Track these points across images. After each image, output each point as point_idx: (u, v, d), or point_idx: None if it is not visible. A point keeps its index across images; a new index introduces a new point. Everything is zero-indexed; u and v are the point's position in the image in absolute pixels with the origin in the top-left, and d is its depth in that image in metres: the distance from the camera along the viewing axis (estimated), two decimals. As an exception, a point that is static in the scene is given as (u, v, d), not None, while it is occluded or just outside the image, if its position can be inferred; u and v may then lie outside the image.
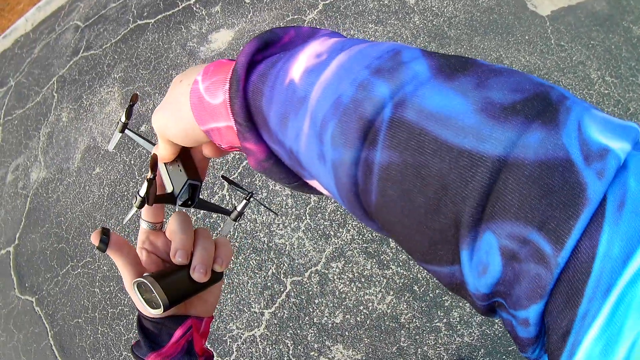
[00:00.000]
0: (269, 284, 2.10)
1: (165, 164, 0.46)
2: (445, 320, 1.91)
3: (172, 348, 0.50)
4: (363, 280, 2.02)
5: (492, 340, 1.88)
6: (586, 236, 0.18)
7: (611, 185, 0.18)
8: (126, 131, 0.54)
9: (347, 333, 1.95)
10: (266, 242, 2.17)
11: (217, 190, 2.35)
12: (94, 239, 0.45)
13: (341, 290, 2.02)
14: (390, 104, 0.22)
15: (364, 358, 1.91)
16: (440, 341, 1.89)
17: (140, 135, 0.54)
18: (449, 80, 0.22)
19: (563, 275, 0.18)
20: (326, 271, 2.07)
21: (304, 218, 2.17)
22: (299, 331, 2.00)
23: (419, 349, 1.88)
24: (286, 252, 2.13)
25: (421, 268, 1.99)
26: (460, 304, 1.92)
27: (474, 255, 0.21)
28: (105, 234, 0.46)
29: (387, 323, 1.95)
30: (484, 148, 0.19)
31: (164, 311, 0.45)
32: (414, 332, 1.92)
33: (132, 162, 2.59)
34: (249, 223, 2.23)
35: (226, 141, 0.35)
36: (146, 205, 0.44)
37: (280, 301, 2.06)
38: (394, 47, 0.25)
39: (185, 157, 0.47)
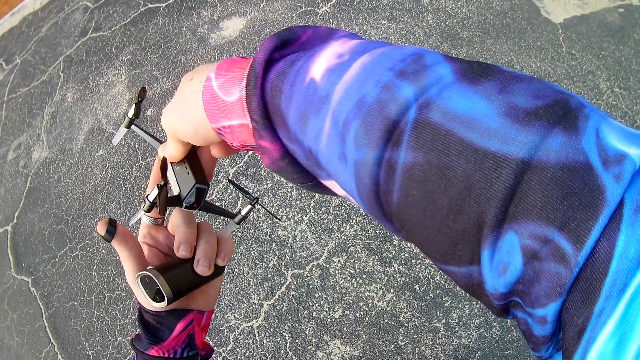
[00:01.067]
0: (269, 275, 2.09)
1: (172, 164, 0.46)
2: (444, 320, 1.91)
3: (173, 342, 0.50)
4: (364, 276, 2.02)
5: (490, 343, 1.87)
6: (604, 237, 0.18)
7: (628, 189, 0.19)
8: (132, 126, 0.53)
9: (345, 329, 1.94)
10: (269, 233, 2.16)
11: (222, 179, 2.33)
12: (100, 228, 0.45)
13: (342, 286, 2.01)
14: (415, 105, 0.22)
15: (361, 355, 1.90)
16: (438, 341, 1.89)
17: (146, 132, 0.53)
18: (472, 84, 0.22)
19: (581, 273, 0.19)
20: (327, 265, 2.06)
21: (308, 211, 2.16)
22: (297, 324, 1.99)
23: (417, 349, 1.88)
24: (288, 245, 2.12)
25: (423, 267, 1.99)
26: (460, 306, 1.92)
27: (495, 255, 0.21)
28: (112, 225, 0.46)
29: (386, 321, 1.94)
30: (508, 150, 0.20)
31: (167, 304, 0.45)
32: (412, 331, 1.92)
33: (137, 145, 2.57)
34: (252, 214, 2.21)
35: (238, 139, 0.35)
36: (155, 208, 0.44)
37: (280, 293, 2.05)
38: (417, 51, 0.25)
39: (192, 158, 0.46)
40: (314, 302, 2.01)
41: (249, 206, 0.55)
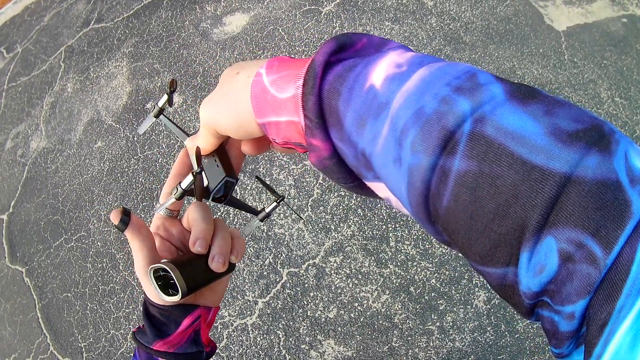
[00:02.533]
0: (265, 273, 2.08)
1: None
2: (438, 323, 1.91)
3: (178, 337, 0.50)
4: (360, 277, 2.02)
5: (483, 347, 1.88)
6: (628, 244, 0.21)
7: None
8: (161, 117, 0.53)
9: (339, 329, 1.94)
10: (265, 230, 2.15)
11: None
12: (114, 217, 0.45)
13: (337, 286, 2.01)
14: (470, 119, 0.25)
15: (354, 355, 1.90)
16: (431, 344, 1.89)
17: (174, 123, 0.53)
18: (522, 104, 0.25)
19: (607, 274, 0.22)
20: (324, 265, 2.05)
21: (305, 210, 2.16)
22: (291, 323, 1.99)
23: (410, 351, 1.88)
24: (285, 243, 2.12)
25: (419, 269, 1.99)
26: (454, 309, 1.92)
27: (534, 257, 0.24)
28: (126, 214, 0.46)
29: (380, 322, 1.94)
30: (553, 165, 0.23)
31: (180, 299, 0.45)
32: (406, 333, 1.92)
33: (135, 139, 2.56)
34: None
35: (283, 136, 0.36)
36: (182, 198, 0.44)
37: (275, 291, 2.05)
38: (470, 69, 0.28)
39: (221, 151, 0.47)
40: (309, 301, 2.01)
41: (274, 204, 0.56)
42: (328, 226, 2.12)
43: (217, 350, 2.06)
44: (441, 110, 0.26)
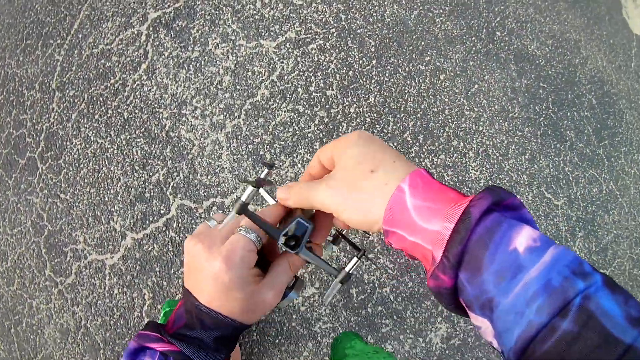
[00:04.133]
0: (146, 194, 1.29)
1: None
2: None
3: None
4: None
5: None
6: None
7: None
8: (260, 190, 0.52)
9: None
10: (167, 129, 1.33)
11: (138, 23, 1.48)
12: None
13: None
14: (581, 295, 0.34)
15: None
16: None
17: (271, 196, 0.54)
18: (612, 293, 0.35)
19: None
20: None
21: (237, 115, 1.31)
22: (165, 283, 1.23)
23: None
24: (189, 157, 1.30)
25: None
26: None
27: None
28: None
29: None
30: (623, 337, 0.32)
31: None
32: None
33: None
34: (156, 88, 1.37)
35: (401, 246, 0.39)
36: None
37: (154, 228, 1.27)
38: (578, 259, 0.37)
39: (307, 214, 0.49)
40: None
41: (355, 259, 0.49)
42: (257, 158, 1.27)
43: (61, 287, 1.33)
44: (564, 286, 0.35)
